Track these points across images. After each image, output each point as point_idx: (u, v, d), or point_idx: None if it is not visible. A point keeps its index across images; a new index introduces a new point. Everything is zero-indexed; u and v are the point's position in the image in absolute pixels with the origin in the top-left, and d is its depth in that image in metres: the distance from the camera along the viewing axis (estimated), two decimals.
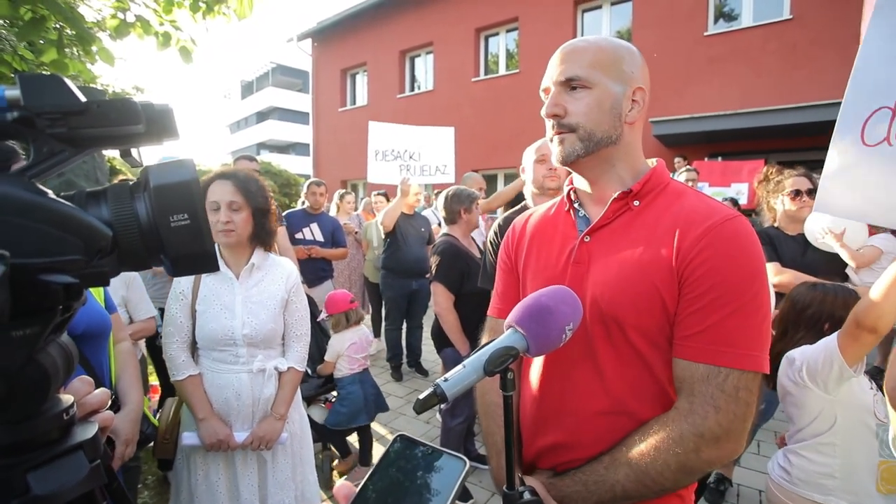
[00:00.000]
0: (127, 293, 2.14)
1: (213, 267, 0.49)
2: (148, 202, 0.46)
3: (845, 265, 2.61)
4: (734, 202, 5.77)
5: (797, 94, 7.53)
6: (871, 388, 1.54)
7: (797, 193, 2.56)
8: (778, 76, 7.99)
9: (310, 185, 4.41)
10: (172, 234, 0.46)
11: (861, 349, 1.43)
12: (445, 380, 0.70)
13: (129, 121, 0.45)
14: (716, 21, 8.86)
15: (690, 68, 8.80)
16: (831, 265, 2.56)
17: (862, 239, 2.66)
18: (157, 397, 3.12)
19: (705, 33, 8.71)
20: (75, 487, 0.46)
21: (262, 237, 1.75)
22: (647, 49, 8.86)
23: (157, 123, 0.47)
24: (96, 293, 1.55)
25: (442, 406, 2.90)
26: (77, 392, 0.54)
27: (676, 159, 7.38)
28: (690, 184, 5.30)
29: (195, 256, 0.47)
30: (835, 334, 1.49)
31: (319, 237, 4.33)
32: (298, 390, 1.91)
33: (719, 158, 7.86)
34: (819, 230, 2.52)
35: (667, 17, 9.00)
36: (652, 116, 8.22)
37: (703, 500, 2.68)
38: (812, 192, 2.55)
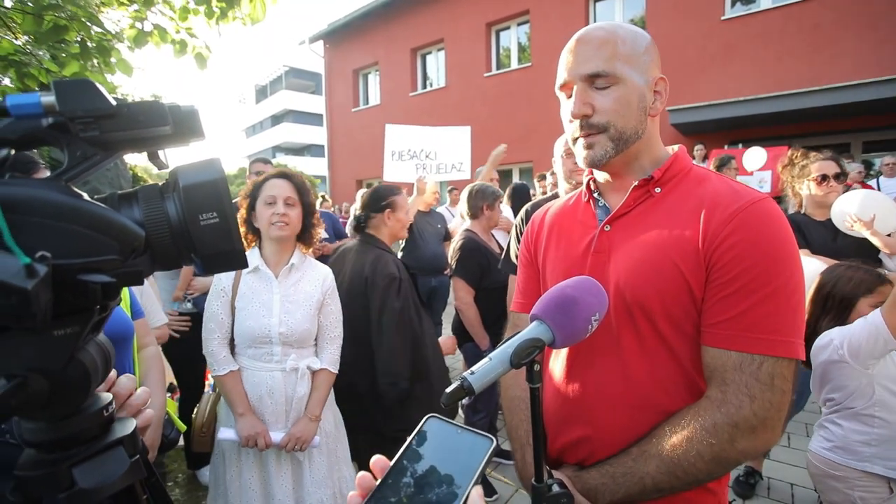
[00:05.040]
0: (140, 301, 2.18)
1: (242, 264, 0.50)
2: (178, 202, 0.47)
3: (878, 250, 2.54)
4: None
5: (820, 76, 7.31)
6: None
7: (824, 178, 2.48)
8: (800, 59, 7.76)
9: None
10: (202, 233, 0.47)
11: None
12: (472, 373, 0.70)
13: (157, 122, 0.46)
14: (733, 4, 8.64)
15: (708, 54, 8.60)
16: (863, 250, 2.47)
17: (893, 224, 2.57)
18: (176, 397, 3.18)
19: (723, 17, 8.50)
20: (117, 481, 0.48)
21: (306, 236, 1.83)
22: (663, 37, 8.70)
23: (183, 124, 0.48)
24: (121, 298, 1.58)
25: (464, 402, 2.91)
26: (125, 388, 0.56)
27: (697, 147, 7.22)
28: (734, 173, 5.19)
29: (225, 254, 0.48)
30: (877, 310, 1.52)
31: (323, 234, 4.36)
32: (332, 391, 1.93)
33: (740, 146, 7.68)
34: (847, 218, 2.44)
35: (682, 3, 8.81)
36: (669, 105, 8.03)
37: (733, 493, 2.63)
38: (839, 177, 2.47)
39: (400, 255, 4.50)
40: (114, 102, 0.45)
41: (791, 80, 7.59)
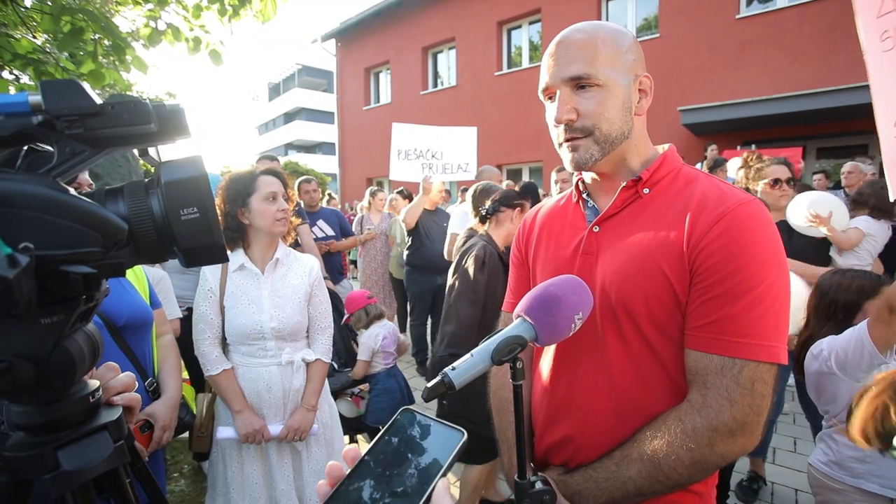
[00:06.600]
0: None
1: (221, 258, 0.51)
2: (161, 197, 0.49)
3: (828, 248, 2.70)
4: None
5: (836, 76, 7.17)
6: None
7: (776, 182, 2.57)
8: (815, 59, 7.62)
9: (300, 185, 4.31)
10: (183, 227, 0.49)
11: (893, 335, 1.42)
12: (453, 368, 0.71)
13: (141, 120, 0.48)
14: (748, 3, 8.51)
15: (722, 53, 8.48)
16: (817, 249, 2.63)
17: (845, 222, 2.75)
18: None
19: (737, 16, 8.38)
20: (101, 464, 0.50)
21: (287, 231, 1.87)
22: (676, 36, 8.62)
23: (168, 123, 0.50)
24: (141, 288, 1.65)
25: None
26: (102, 377, 0.58)
27: (711, 147, 7.12)
28: (724, 175, 5.13)
29: (205, 248, 0.50)
30: (864, 322, 1.47)
31: (330, 231, 4.41)
32: (326, 381, 1.96)
33: (753, 146, 7.55)
34: (805, 215, 2.57)
35: (696, 2, 8.69)
36: (681, 105, 7.97)
37: (736, 499, 2.61)
38: (791, 182, 2.58)
39: (406, 253, 4.52)
40: (99, 101, 0.47)
41: (806, 80, 7.46)
